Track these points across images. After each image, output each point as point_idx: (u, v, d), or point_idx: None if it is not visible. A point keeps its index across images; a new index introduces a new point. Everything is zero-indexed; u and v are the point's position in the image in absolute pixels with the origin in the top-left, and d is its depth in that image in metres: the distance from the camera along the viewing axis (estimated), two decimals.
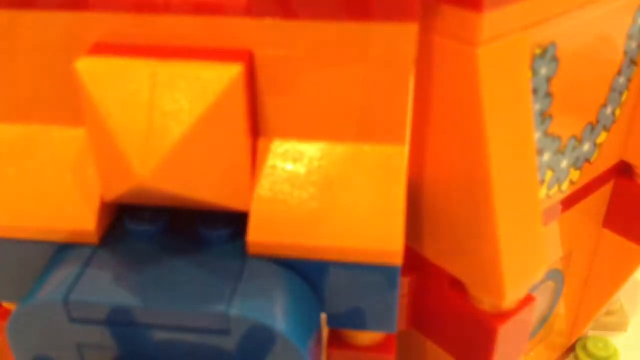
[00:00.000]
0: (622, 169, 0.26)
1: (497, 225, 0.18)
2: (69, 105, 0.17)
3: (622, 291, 0.30)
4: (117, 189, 0.16)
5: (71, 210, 0.17)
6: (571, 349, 0.33)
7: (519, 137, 0.18)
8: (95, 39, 0.17)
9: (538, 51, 0.19)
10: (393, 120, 0.17)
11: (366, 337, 0.19)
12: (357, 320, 0.18)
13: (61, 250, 0.18)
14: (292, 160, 0.17)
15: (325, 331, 0.19)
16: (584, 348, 0.32)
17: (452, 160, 0.18)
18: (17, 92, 0.18)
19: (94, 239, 0.17)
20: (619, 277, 0.29)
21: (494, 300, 0.19)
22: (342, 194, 0.17)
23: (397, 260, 0.16)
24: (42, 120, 0.18)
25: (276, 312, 0.16)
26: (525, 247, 0.19)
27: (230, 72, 0.15)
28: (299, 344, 0.16)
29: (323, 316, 0.18)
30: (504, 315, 0.20)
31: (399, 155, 0.17)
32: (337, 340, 0.19)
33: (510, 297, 0.19)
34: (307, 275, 0.17)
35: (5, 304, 0.20)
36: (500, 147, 0.17)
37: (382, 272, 0.17)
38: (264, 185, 0.17)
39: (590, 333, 0.34)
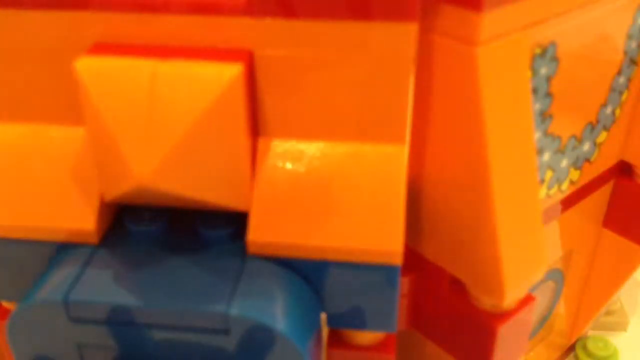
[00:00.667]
0: (622, 169, 0.26)
1: (497, 225, 0.18)
2: (69, 105, 0.17)
3: (622, 291, 0.30)
4: (117, 190, 0.16)
5: (71, 210, 0.17)
6: (571, 348, 0.33)
7: (519, 136, 0.18)
8: (95, 38, 0.17)
9: (538, 51, 0.19)
10: (393, 120, 0.17)
11: (366, 337, 0.19)
12: (357, 320, 0.18)
13: (61, 250, 0.18)
14: (292, 160, 0.17)
15: (325, 331, 0.19)
16: (584, 348, 0.32)
17: (452, 160, 0.18)
18: (17, 91, 0.18)
19: (94, 239, 0.17)
20: (619, 277, 0.29)
21: (494, 300, 0.19)
22: (342, 194, 0.17)
23: (397, 260, 0.16)
24: (42, 120, 0.18)
25: (276, 312, 0.16)
26: (525, 247, 0.19)
27: (230, 72, 0.15)
28: (299, 344, 0.16)
29: (323, 316, 0.18)
30: (504, 315, 0.20)
31: (399, 155, 0.17)
32: (337, 340, 0.19)
33: (510, 297, 0.19)
34: (307, 275, 0.17)
35: (5, 304, 0.20)
36: (500, 146, 0.17)
37: (382, 272, 0.17)
38: (264, 185, 0.17)
39: (590, 333, 0.34)
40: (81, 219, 0.17)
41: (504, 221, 0.18)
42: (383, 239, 0.16)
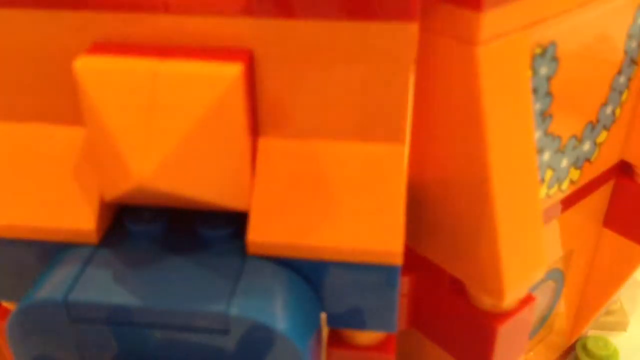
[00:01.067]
0: (622, 169, 0.26)
1: (497, 225, 0.18)
2: (69, 104, 0.17)
3: (621, 291, 0.30)
4: (117, 190, 0.16)
5: (71, 210, 0.17)
6: (571, 348, 0.33)
7: (520, 136, 0.18)
8: (95, 38, 0.17)
9: (538, 51, 0.19)
10: (393, 120, 0.17)
11: (366, 336, 0.19)
12: (357, 319, 0.18)
13: (61, 250, 0.18)
14: (291, 160, 0.17)
15: (325, 331, 0.19)
16: (584, 348, 0.32)
17: (453, 159, 0.18)
18: (18, 91, 0.18)
19: (94, 239, 0.17)
20: (619, 277, 0.29)
21: (494, 300, 0.19)
22: (342, 194, 0.17)
23: (397, 260, 0.16)
24: (42, 119, 0.18)
25: (276, 312, 0.16)
26: (525, 247, 0.19)
27: (230, 72, 0.15)
28: (298, 344, 0.16)
29: (323, 316, 0.18)
30: (504, 315, 0.20)
31: (399, 154, 0.17)
32: (337, 340, 0.19)
33: (510, 297, 0.19)
34: (306, 274, 0.17)
35: (6, 304, 0.20)
36: (501, 146, 0.17)
37: (382, 272, 0.17)
38: (264, 185, 0.17)
39: (591, 333, 0.34)
40: (81, 219, 0.17)
41: (504, 221, 0.18)
42: (383, 239, 0.16)
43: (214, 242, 0.18)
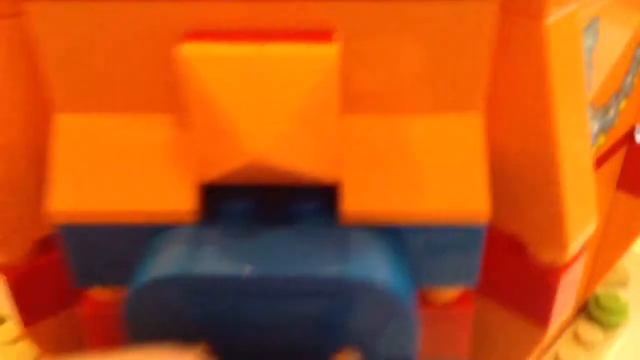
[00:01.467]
0: (634, 133, 0.29)
1: (562, 184, 0.19)
2: (161, 93, 0.18)
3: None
4: (225, 168, 0.17)
5: (171, 193, 0.18)
6: (584, 305, 0.35)
7: (578, 104, 0.20)
8: (186, 27, 0.17)
9: (586, 24, 0.20)
10: (473, 91, 0.18)
11: (446, 295, 0.20)
12: (443, 277, 0.19)
13: (159, 233, 0.18)
14: (376, 134, 0.18)
15: None
16: (597, 302, 0.34)
17: (519, 127, 0.20)
18: (114, 83, 0.18)
19: (193, 218, 0.18)
20: (630, 236, 0.32)
21: (556, 254, 0.21)
22: (429, 160, 0.18)
23: (484, 219, 0.18)
24: (137, 109, 0.18)
25: (388, 274, 0.17)
26: (583, 202, 0.20)
27: (328, 52, 0.16)
28: (406, 302, 0.17)
29: None
30: (561, 269, 0.21)
31: (478, 120, 0.18)
32: (419, 300, 0.20)
33: (572, 250, 0.20)
34: (397, 239, 0.18)
35: (95, 293, 0.20)
36: (565, 114, 0.19)
37: (468, 232, 0.18)
38: (353, 158, 0.18)
39: (599, 290, 0.36)
40: (181, 201, 0.18)
41: (567, 179, 0.19)
42: (470, 199, 0.18)
43: (304, 216, 0.19)
